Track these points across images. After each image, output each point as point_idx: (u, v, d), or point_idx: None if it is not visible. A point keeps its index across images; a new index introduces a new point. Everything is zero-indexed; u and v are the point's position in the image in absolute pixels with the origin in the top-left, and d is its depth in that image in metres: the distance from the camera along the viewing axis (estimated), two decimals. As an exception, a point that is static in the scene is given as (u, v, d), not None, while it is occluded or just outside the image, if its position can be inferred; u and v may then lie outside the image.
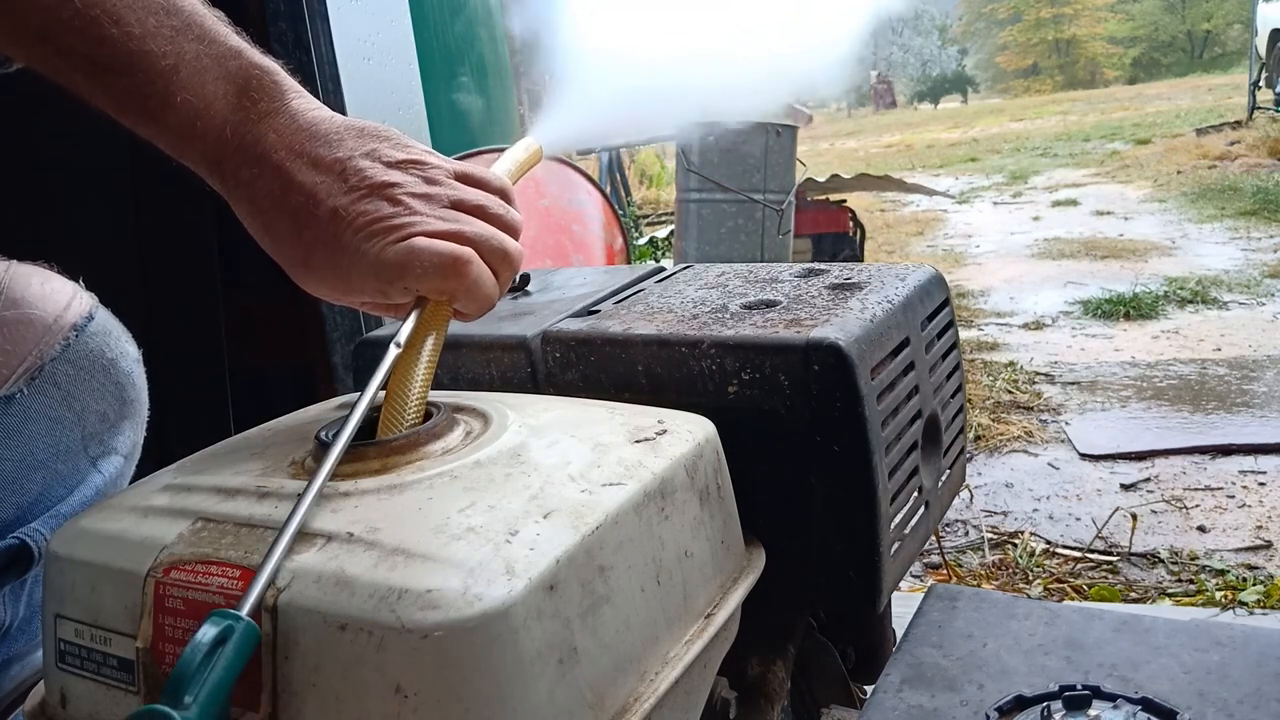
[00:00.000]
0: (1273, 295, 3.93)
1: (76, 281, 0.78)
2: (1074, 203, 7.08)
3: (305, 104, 0.59)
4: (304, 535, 0.49)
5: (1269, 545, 1.96)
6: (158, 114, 0.55)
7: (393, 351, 0.58)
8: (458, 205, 0.60)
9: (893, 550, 0.68)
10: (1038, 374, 3.21)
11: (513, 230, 0.62)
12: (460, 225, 0.59)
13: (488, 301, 0.61)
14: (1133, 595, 1.83)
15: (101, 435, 0.78)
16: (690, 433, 0.60)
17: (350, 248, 0.57)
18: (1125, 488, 2.28)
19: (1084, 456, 2.48)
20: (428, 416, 0.59)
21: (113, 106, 0.55)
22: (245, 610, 0.43)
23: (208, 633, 0.42)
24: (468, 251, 0.58)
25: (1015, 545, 2.05)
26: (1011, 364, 3.32)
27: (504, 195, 0.64)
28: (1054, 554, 2.01)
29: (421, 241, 0.57)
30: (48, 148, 1.36)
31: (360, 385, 0.57)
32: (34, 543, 0.71)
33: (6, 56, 0.57)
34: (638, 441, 0.58)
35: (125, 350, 0.79)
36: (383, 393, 0.59)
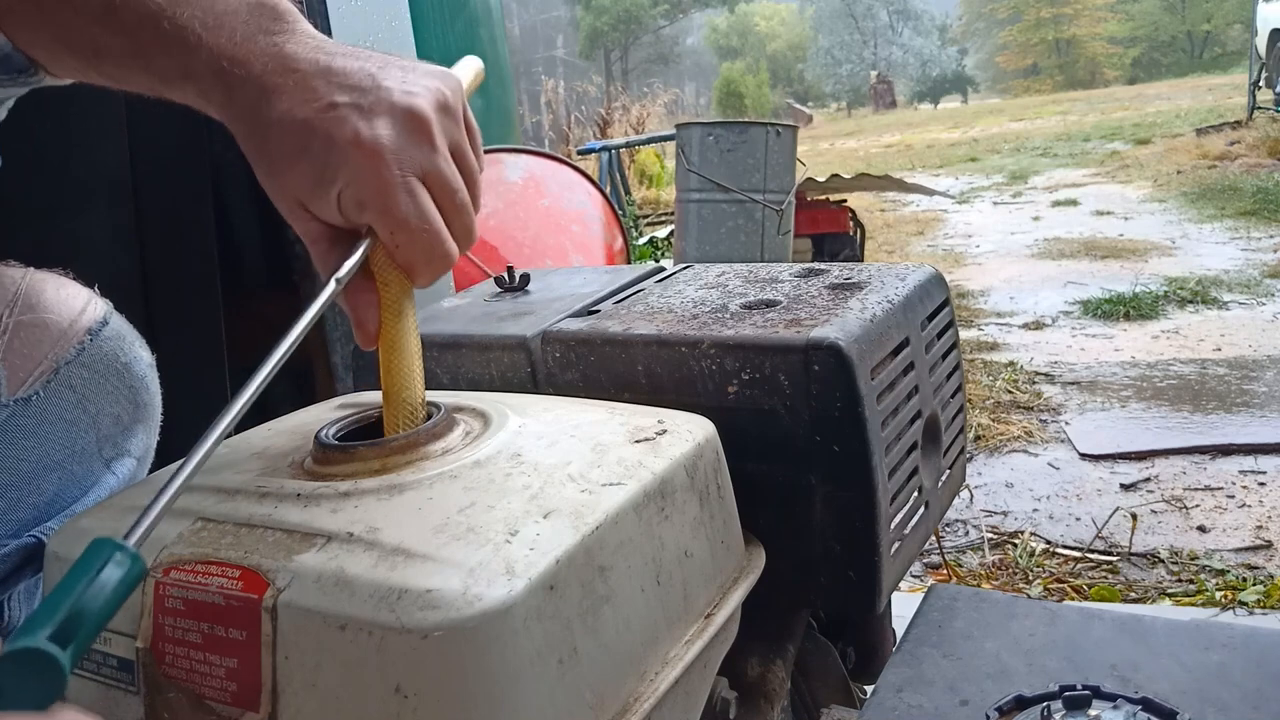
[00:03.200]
0: (1273, 295, 3.93)
1: (91, 289, 0.79)
2: (1074, 203, 7.07)
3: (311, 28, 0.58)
4: (304, 535, 0.49)
5: (1269, 545, 1.96)
6: (177, 33, 0.53)
7: (331, 286, 0.54)
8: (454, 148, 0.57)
9: (893, 550, 0.68)
10: (1038, 374, 3.20)
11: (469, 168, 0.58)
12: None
13: (429, 252, 0.54)
14: (1133, 595, 1.83)
15: (115, 438, 0.79)
16: (690, 433, 0.60)
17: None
18: (1125, 488, 2.28)
19: (1084, 456, 2.48)
20: (428, 417, 0.59)
21: (125, 42, 0.54)
22: (133, 541, 0.40)
23: (91, 562, 0.38)
24: (404, 180, 0.53)
25: (1015, 545, 2.05)
26: (1011, 364, 3.32)
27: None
28: (1054, 554, 2.01)
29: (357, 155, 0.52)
30: (48, 149, 1.36)
31: (359, 384, 0.57)
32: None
33: (33, 66, 0.58)
34: (638, 441, 0.58)
35: (139, 355, 0.80)
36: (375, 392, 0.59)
